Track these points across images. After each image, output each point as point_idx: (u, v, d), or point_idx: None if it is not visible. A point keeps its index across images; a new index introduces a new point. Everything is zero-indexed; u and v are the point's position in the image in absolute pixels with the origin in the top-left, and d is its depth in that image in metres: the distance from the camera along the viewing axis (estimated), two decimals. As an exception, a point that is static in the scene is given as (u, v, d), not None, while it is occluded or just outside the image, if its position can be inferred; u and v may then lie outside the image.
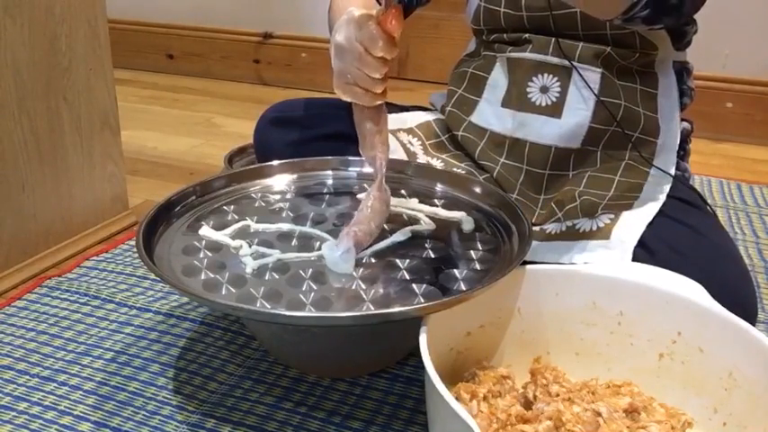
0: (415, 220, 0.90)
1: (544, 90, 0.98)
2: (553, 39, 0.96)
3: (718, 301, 0.74)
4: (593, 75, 0.95)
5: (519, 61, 1.00)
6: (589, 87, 0.95)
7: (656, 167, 0.95)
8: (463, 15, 1.11)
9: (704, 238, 0.86)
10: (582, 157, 0.98)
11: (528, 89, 0.99)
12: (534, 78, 0.98)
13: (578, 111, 0.96)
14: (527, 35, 0.99)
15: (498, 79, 1.03)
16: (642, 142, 0.97)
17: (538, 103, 0.98)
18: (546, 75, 0.98)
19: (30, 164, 1.11)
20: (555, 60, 0.97)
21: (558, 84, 0.97)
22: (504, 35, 1.02)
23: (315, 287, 0.77)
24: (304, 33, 2.27)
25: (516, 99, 1.00)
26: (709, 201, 1.31)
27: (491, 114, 1.04)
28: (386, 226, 0.89)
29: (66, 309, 1.05)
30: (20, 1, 1.05)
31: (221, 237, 0.86)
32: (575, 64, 0.95)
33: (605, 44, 0.94)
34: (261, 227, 0.89)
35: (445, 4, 2.17)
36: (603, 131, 0.96)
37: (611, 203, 0.92)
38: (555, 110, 0.97)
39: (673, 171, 0.95)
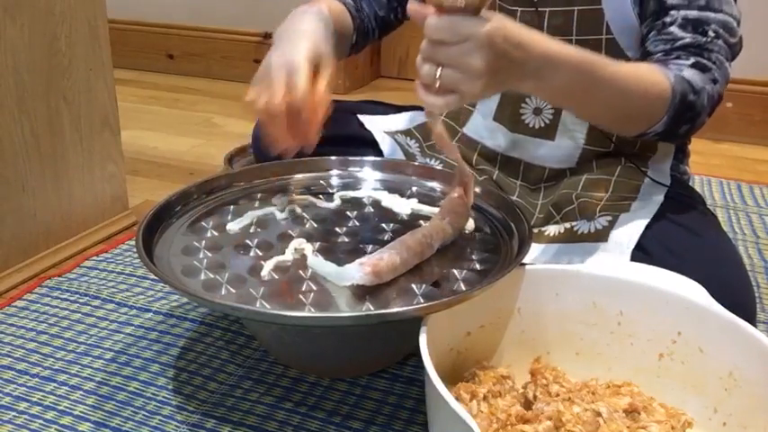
0: (415, 221, 0.90)
1: (537, 112, 0.97)
2: None
3: (718, 301, 0.74)
4: None
5: None
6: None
7: (651, 179, 0.94)
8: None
9: (703, 240, 0.86)
10: (577, 170, 0.98)
11: (521, 110, 0.98)
12: (527, 99, 0.97)
13: (572, 133, 0.95)
14: None
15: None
16: (638, 156, 0.96)
17: (531, 125, 0.97)
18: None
19: (30, 164, 1.11)
20: None
21: (552, 106, 0.96)
22: None
23: (315, 287, 0.77)
24: (304, 33, 2.27)
25: (509, 118, 0.99)
26: (709, 201, 1.31)
27: (483, 128, 1.03)
28: (385, 226, 0.89)
29: (66, 309, 1.05)
30: (20, 1, 1.05)
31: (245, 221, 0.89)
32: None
33: None
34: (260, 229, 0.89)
35: (445, 4, 2.17)
36: (598, 153, 0.96)
37: (608, 204, 0.92)
38: (548, 132, 0.97)
39: (668, 179, 0.95)
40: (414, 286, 0.77)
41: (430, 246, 0.81)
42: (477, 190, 0.95)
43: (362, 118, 1.09)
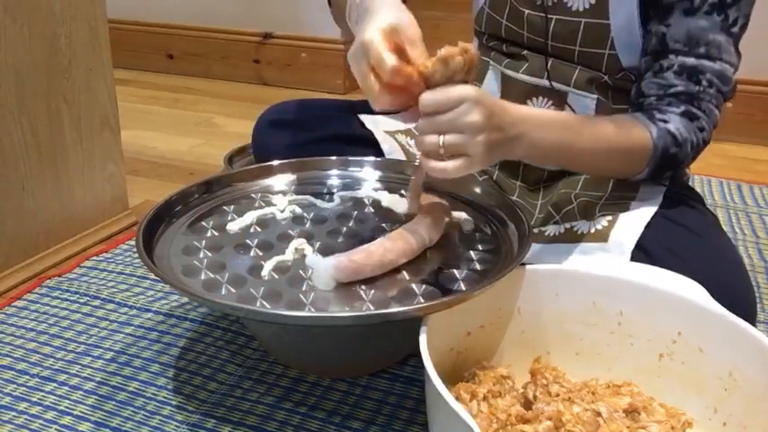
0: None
1: None
2: (549, 63, 0.95)
3: (718, 302, 0.74)
4: (588, 101, 0.94)
5: (514, 81, 0.98)
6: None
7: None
8: (469, 15, 1.10)
9: (702, 240, 0.86)
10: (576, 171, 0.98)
11: None
12: (529, 102, 0.97)
13: None
14: (525, 52, 0.97)
15: (491, 88, 1.02)
16: None
17: None
18: (540, 98, 0.96)
19: (30, 164, 1.11)
20: (549, 84, 0.96)
21: (553, 108, 0.95)
22: (503, 46, 1.00)
23: (315, 287, 0.77)
24: (304, 33, 2.27)
25: None
26: (708, 201, 1.31)
27: None
28: (385, 225, 0.89)
29: (66, 309, 1.05)
30: (20, 1, 1.05)
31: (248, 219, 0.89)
32: (572, 90, 0.94)
33: (601, 72, 0.93)
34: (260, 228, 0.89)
35: (445, 4, 2.17)
36: None
37: (608, 203, 0.91)
38: None
39: (667, 179, 0.95)
40: (414, 286, 0.77)
41: (415, 232, 0.80)
42: (478, 190, 0.95)
43: (363, 118, 1.09)
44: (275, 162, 1.01)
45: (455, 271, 0.80)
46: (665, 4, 0.85)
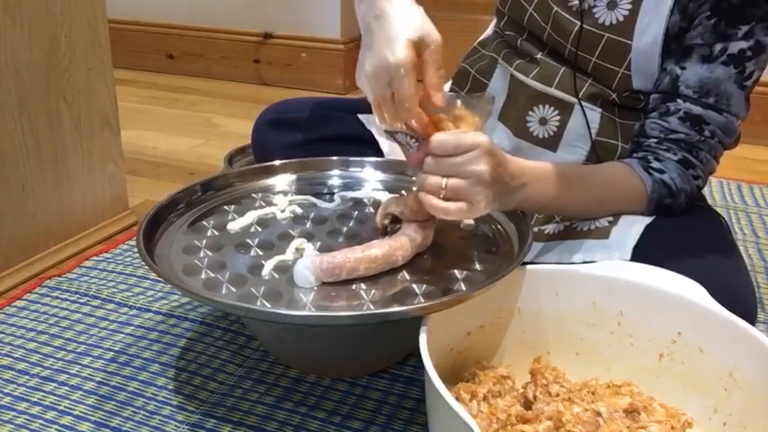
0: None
1: (543, 122, 0.96)
2: (560, 71, 0.94)
3: (718, 302, 0.74)
4: (593, 114, 0.93)
5: (522, 86, 0.98)
6: (588, 128, 0.93)
7: None
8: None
9: (704, 239, 0.86)
10: None
11: (528, 118, 0.97)
12: (535, 108, 0.97)
13: (574, 149, 0.95)
14: (539, 55, 0.96)
15: (497, 88, 1.02)
16: None
17: (535, 134, 0.97)
18: (547, 106, 0.96)
19: (30, 164, 1.11)
20: (558, 94, 0.95)
21: (558, 118, 0.95)
22: (519, 39, 0.99)
23: (315, 287, 0.77)
24: (304, 33, 2.27)
25: (515, 123, 0.99)
26: (708, 201, 1.31)
27: (487, 126, 1.03)
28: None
29: (66, 309, 1.05)
30: (20, 1, 1.05)
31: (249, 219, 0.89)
32: (583, 104, 0.93)
33: (610, 88, 0.92)
34: (260, 228, 0.89)
35: (445, 4, 2.17)
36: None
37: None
38: (551, 143, 0.96)
39: None
40: (414, 286, 0.77)
41: (401, 236, 0.80)
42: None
43: (362, 118, 1.09)
44: (276, 162, 1.02)
45: (455, 271, 0.80)
46: (687, 44, 0.86)
